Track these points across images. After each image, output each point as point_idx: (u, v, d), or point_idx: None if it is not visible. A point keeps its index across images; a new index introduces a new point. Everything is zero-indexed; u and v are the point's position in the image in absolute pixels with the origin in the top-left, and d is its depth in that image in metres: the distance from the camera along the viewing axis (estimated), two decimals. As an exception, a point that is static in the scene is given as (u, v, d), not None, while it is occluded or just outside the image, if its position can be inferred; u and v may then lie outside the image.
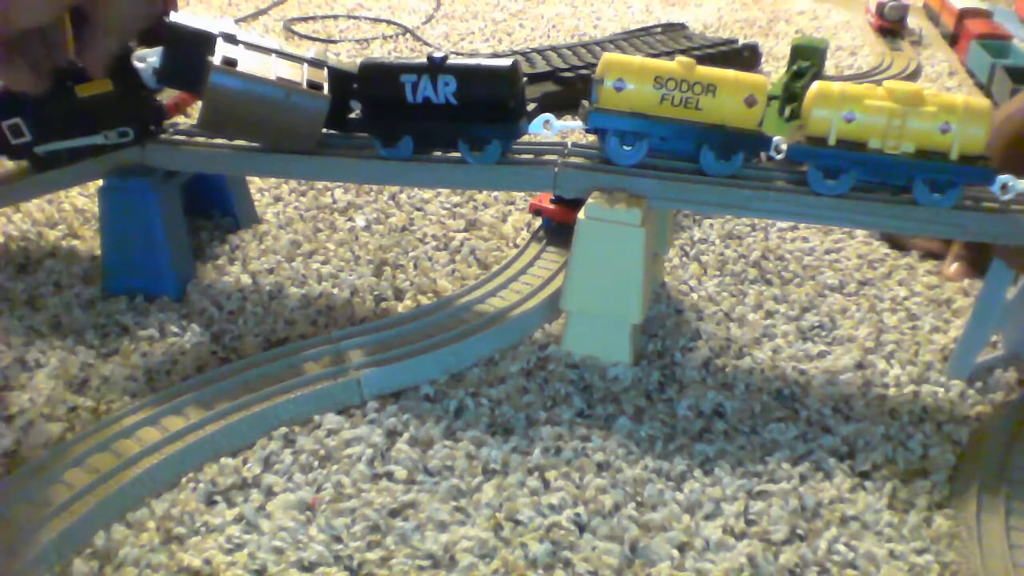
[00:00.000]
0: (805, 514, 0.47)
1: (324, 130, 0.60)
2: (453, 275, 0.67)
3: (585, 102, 0.58)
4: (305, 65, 0.59)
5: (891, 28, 1.36)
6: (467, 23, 1.37)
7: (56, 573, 0.42)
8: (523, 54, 1.08)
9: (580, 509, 0.46)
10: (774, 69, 1.18)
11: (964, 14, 1.29)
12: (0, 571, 0.40)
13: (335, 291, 0.65)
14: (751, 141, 0.56)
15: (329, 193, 0.79)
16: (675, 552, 0.44)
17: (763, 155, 0.57)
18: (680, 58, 0.56)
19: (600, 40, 1.16)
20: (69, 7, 0.51)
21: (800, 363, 0.59)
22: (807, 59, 0.92)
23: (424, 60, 0.57)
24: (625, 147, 0.57)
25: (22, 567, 0.40)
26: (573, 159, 0.59)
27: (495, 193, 0.80)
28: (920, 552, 0.45)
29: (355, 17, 1.39)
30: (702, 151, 0.57)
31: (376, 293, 0.65)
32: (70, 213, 0.73)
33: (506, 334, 0.59)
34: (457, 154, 0.59)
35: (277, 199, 0.78)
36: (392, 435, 0.51)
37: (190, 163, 0.63)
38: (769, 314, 0.64)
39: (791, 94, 0.89)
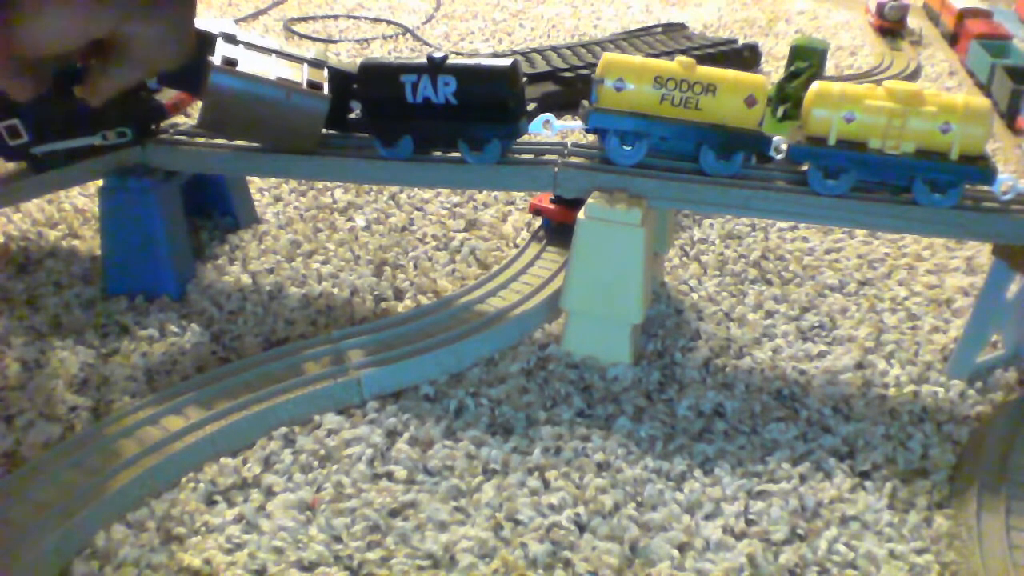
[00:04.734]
0: (805, 514, 0.47)
1: (324, 130, 0.60)
2: (453, 275, 0.67)
3: (585, 102, 0.58)
4: (305, 65, 0.59)
5: (891, 28, 1.36)
6: (467, 23, 1.37)
7: (56, 574, 0.42)
8: (523, 54, 1.08)
9: (580, 509, 0.46)
10: (774, 69, 1.18)
11: (964, 14, 1.29)
12: None
13: (335, 291, 0.65)
14: (751, 141, 0.56)
15: (329, 193, 0.79)
16: (675, 552, 0.44)
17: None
18: (680, 58, 0.56)
19: (600, 40, 1.16)
20: (96, 38, 0.48)
21: (800, 363, 0.59)
22: (806, 60, 0.92)
23: (424, 60, 0.57)
24: (625, 147, 0.57)
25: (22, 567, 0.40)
26: (573, 159, 0.59)
27: (495, 193, 0.80)
28: (920, 552, 0.45)
29: (355, 17, 1.39)
30: (702, 151, 0.57)
31: (376, 293, 0.65)
32: (70, 213, 0.73)
33: (506, 334, 0.59)
34: (457, 154, 0.60)
35: (277, 199, 0.78)
36: (392, 435, 0.51)
37: (190, 163, 0.63)
38: (769, 314, 0.64)
39: (784, 94, 0.89)
